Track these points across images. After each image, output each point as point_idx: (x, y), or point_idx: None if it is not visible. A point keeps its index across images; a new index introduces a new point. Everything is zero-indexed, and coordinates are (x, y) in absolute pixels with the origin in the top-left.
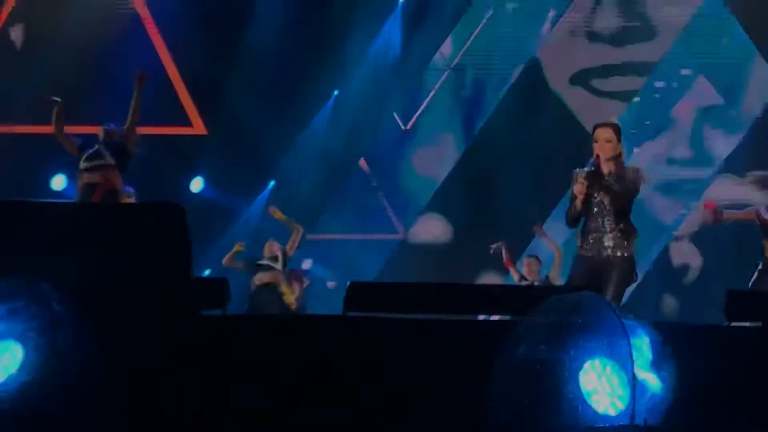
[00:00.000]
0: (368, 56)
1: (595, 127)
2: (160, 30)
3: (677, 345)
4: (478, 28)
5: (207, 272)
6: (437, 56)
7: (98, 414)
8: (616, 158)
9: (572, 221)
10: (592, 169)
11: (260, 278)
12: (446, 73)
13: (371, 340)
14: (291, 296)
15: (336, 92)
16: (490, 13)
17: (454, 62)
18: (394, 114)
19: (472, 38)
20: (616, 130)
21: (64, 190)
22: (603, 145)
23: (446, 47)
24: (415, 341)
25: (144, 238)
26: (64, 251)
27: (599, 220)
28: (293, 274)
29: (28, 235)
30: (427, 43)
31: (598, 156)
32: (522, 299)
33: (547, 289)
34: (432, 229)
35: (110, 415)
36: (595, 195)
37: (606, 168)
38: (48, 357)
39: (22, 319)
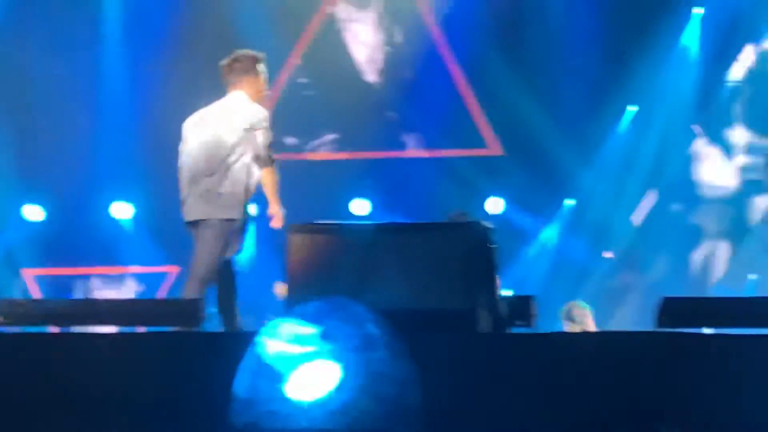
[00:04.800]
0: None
1: None
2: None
3: None
4: None
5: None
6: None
7: None
8: None
9: None
10: None
11: None
12: None
13: None
14: None
15: (636, 107)
16: None
17: None
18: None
19: None
20: None
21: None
22: None
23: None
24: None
25: (450, 257)
26: (372, 272)
27: None
28: None
29: (340, 257)
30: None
31: None
32: None
33: None
34: None
35: None
36: None
37: None
38: (364, 377)
39: (336, 339)
